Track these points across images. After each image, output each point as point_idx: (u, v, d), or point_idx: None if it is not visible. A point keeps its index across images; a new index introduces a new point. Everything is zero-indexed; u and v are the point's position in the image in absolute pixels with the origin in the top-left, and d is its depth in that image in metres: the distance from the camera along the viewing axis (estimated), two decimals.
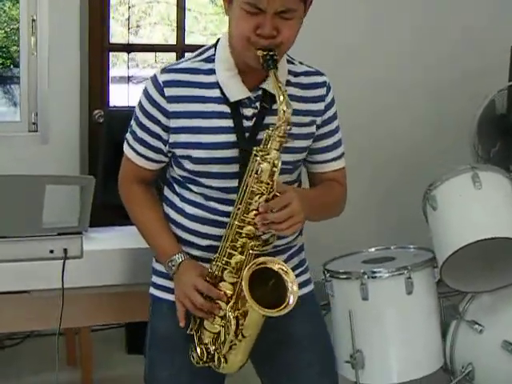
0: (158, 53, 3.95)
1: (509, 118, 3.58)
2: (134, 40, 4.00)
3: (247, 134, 1.79)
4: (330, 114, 1.92)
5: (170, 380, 1.94)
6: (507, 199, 2.86)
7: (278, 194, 1.72)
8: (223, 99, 1.79)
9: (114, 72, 3.87)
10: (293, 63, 1.89)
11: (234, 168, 1.79)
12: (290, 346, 1.95)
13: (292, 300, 1.73)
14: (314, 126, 1.87)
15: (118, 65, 4.20)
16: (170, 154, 1.87)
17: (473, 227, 2.76)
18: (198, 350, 1.82)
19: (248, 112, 1.80)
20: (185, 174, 1.87)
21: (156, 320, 2.00)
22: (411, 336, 2.88)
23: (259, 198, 1.72)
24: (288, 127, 1.70)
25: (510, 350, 2.70)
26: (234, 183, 1.80)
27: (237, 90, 1.79)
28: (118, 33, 3.98)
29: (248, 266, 1.73)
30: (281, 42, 1.72)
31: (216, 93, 1.80)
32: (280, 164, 1.72)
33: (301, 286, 1.94)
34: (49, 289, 2.34)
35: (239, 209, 1.74)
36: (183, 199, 1.90)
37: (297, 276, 1.89)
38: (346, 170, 2.01)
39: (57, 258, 2.34)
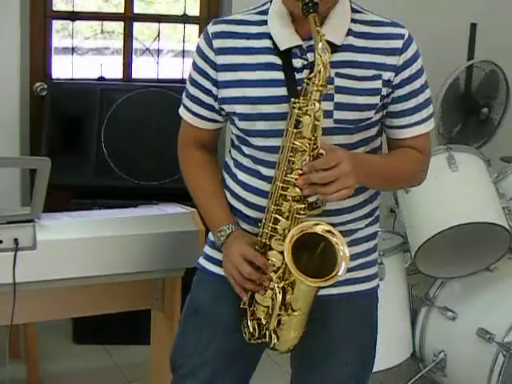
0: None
1: (471, 96, 3.47)
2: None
3: (300, 88, 1.60)
4: (410, 71, 1.67)
5: (197, 354, 1.80)
6: (483, 182, 2.77)
7: (322, 153, 1.56)
8: (273, 50, 1.65)
9: (55, 43, 3.58)
10: (361, 12, 1.71)
11: (280, 125, 1.62)
12: (325, 343, 1.78)
13: (342, 269, 1.54)
14: (380, 81, 1.65)
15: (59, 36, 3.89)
16: (223, 113, 1.74)
17: (449, 212, 2.66)
18: (250, 325, 1.68)
19: (297, 63, 1.63)
20: (237, 132, 1.74)
21: (197, 290, 1.85)
22: (381, 325, 2.76)
23: (301, 155, 1.56)
24: (327, 75, 1.53)
25: (488, 338, 2.61)
26: (279, 142, 1.63)
27: (288, 38, 1.64)
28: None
29: (290, 234, 1.56)
30: None
31: (266, 43, 1.66)
32: (322, 117, 1.55)
33: (357, 281, 1.79)
34: None
35: (281, 168, 1.60)
36: (236, 164, 1.77)
37: (354, 270, 1.76)
38: (429, 135, 1.76)
39: (7, 250, 2.10)
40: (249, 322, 1.69)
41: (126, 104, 3.33)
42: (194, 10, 3.80)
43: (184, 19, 3.77)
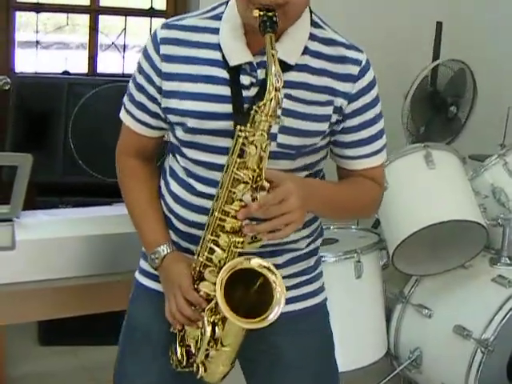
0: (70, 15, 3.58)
1: (440, 94, 3.49)
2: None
3: (246, 106, 1.52)
4: (365, 101, 1.58)
5: (139, 376, 1.72)
6: (460, 180, 2.79)
7: (266, 185, 1.44)
8: (222, 63, 1.54)
9: (19, 36, 3.47)
10: (321, 27, 1.58)
11: (225, 142, 1.53)
12: (281, 366, 1.71)
13: (274, 313, 1.44)
14: (332, 107, 1.55)
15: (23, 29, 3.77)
16: (168, 120, 1.63)
17: (427, 210, 2.67)
18: (179, 351, 1.61)
19: (245, 80, 1.53)
20: (175, 142, 1.64)
21: (135, 308, 1.76)
22: (358, 323, 2.78)
23: (244, 187, 1.46)
24: (278, 105, 1.42)
25: (465, 335, 2.62)
26: (220, 160, 1.53)
27: (238, 53, 1.53)
28: None
29: (222, 273, 1.46)
30: (285, 2, 1.44)
31: (216, 55, 1.55)
32: (269, 149, 1.44)
33: (304, 298, 1.71)
34: None
35: (219, 198, 1.49)
36: (171, 172, 1.67)
37: (299, 286, 1.70)
38: (384, 165, 1.70)
39: None
40: (177, 348, 1.62)
41: (93, 99, 3.25)
42: (161, 3, 3.73)
43: (151, 13, 3.70)
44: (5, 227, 2.06)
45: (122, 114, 1.68)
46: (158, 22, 3.73)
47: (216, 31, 1.56)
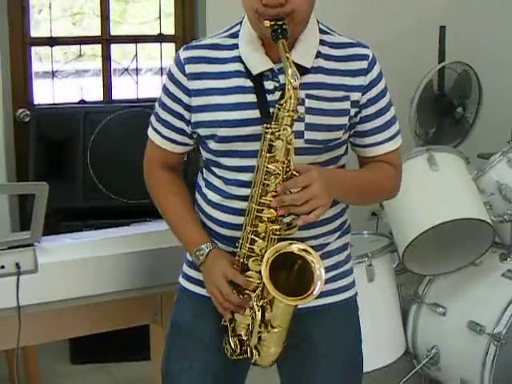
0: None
1: (446, 96, 3.57)
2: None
3: (272, 110, 1.65)
4: (376, 91, 1.74)
5: (184, 372, 1.84)
6: (464, 179, 2.86)
7: (296, 174, 1.61)
8: (245, 73, 1.70)
9: (36, 67, 3.63)
10: (328, 33, 1.76)
11: (257, 146, 1.67)
12: (313, 357, 1.83)
13: (318, 288, 1.60)
14: (349, 101, 1.71)
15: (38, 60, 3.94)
16: (194, 136, 1.79)
17: (433, 210, 2.75)
18: (232, 341, 1.74)
19: (269, 85, 1.69)
20: (209, 155, 1.78)
21: (178, 309, 1.91)
22: (373, 326, 2.83)
23: (275, 178, 1.62)
24: (297, 101, 1.59)
25: (478, 330, 2.69)
26: (254, 162, 1.68)
27: (259, 62, 1.69)
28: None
29: (266, 257, 1.62)
30: (292, 11, 1.61)
31: (238, 67, 1.71)
32: (293, 141, 1.60)
33: (337, 292, 1.83)
34: (3, 308, 2.14)
35: (256, 191, 1.65)
36: (207, 184, 1.82)
37: (333, 279, 1.81)
38: (400, 149, 1.83)
39: (9, 274, 2.14)
40: (230, 339, 1.74)
41: (109, 125, 3.38)
42: (170, 29, 3.85)
43: (160, 39, 3.83)
44: (27, 252, 2.18)
45: (150, 132, 1.84)
46: (167, 46, 3.87)
47: (234, 47, 1.72)
